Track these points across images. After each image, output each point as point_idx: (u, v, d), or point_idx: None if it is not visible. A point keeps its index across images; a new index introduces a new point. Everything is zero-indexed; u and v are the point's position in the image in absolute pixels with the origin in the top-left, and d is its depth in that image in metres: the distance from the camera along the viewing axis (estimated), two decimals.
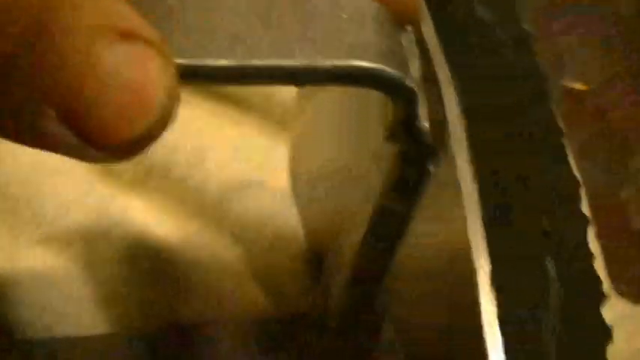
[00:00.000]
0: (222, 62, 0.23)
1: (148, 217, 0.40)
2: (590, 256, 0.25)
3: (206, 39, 0.23)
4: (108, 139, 0.19)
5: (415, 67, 0.25)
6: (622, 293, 0.44)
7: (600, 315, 0.25)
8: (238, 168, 0.42)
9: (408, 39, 0.25)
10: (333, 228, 0.34)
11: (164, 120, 0.20)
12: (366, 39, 0.24)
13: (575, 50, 0.52)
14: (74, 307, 0.38)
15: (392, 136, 0.25)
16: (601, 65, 0.52)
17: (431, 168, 0.26)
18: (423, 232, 0.27)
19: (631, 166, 0.48)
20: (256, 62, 0.23)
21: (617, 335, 0.26)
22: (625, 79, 0.51)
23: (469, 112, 0.26)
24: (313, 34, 0.23)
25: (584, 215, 0.26)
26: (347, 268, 0.31)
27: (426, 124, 0.24)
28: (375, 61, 0.23)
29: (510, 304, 0.23)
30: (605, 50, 0.52)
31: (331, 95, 0.34)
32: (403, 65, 0.24)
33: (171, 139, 0.41)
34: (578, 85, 0.50)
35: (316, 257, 0.38)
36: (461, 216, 0.24)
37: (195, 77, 0.23)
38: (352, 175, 0.31)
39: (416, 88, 0.24)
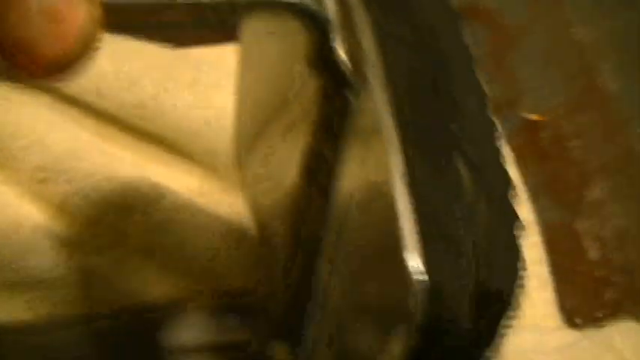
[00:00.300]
0: None
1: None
2: (499, 155, 0.27)
3: None
4: (32, 61, 0.20)
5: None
6: (574, 325, 0.44)
7: (511, 206, 0.26)
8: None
9: None
10: (274, 197, 0.35)
11: (86, 44, 0.21)
12: None
13: (533, 81, 0.52)
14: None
15: (311, 69, 0.27)
16: (559, 96, 0.52)
17: (351, 98, 0.26)
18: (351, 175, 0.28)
19: (587, 197, 0.48)
20: None
21: None
22: (584, 110, 0.51)
23: (383, 39, 0.27)
24: None
25: (491, 120, 0.27)
26: (288, 228, 0.32)
27: (341, 54, 0.26)
28: None
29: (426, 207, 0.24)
30: (564, 81, 0.53)
31: (260, 54, 0.35)
32: None
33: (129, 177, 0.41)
34: (536, 116, 0.51)
35: (264, 241, 0.39)
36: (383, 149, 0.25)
37: (121, 12, 0.24)
38: (283, 124, 0.32)
39: (329, 17, 0.25)
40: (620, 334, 0.41)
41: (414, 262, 0.24)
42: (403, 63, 0.27)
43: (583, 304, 0.44)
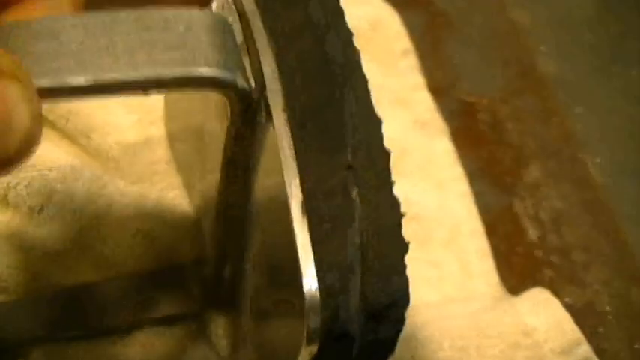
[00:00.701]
0: (79, 81, 0.26)
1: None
2: (389, 183, 0.29)
3: (60, 61, 0.26)
4: None
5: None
6: None
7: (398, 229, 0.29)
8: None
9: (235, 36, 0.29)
10: (204, 186, 0.38)
11: (31, 140, 0.22)
12: (202, 48, 0.27)
13: (471, 65, 0.52)
14: None
15: (233, 129, 0.30)
16: (497, 80, 0.52)
17: (260, 119, 0.30)
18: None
19: (524, 179, 0.48)
20: (107, 78, 0.26)
21: None
22: (522, 94, 0.52)
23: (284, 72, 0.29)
24: (155, 47, 0.27)
25: (384, 149, 0.30)
26: (214, 214, 0.35)
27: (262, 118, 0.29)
28: (209, 69, 0.27)
29: (319, 226, 0.27)
30: (502, 65, 0.53)
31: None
32: (235, 68, 0.28)
33: (70, 167, 0.41)
34: (473, 99, 0.51)
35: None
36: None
37: (56, 96, 0.26)
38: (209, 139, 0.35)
39: (247, 88, 0.28)
40: (529, 299, 0.42)
41: (308, 282, 0.26)
42: (300, 90, 0.29)
43: (522, 286, 0.45)
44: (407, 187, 0.46)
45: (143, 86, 0.27)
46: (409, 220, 0.44)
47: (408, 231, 0.44)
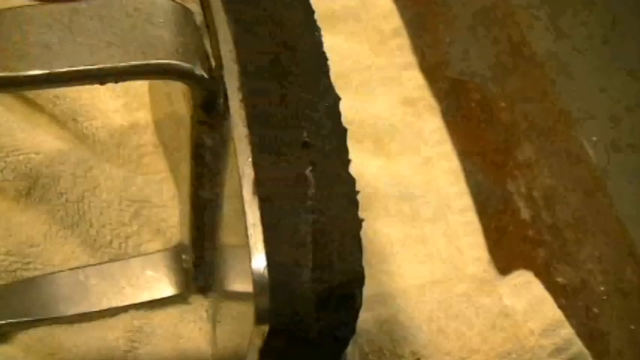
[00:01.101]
0: (35, 71, 0.26)
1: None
2: (346, 162, 0.28)
3: (19, 51, 0.26)
4: None
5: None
6: None
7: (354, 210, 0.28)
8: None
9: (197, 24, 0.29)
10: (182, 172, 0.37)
11: None
12: (161, 37, 0.28)
13: (462, 44, 0.52)
14: None
15: (196, 115, 0.30)
16: (488, 58, 0.52)
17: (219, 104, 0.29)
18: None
19: (518, 156, 0.48)
20: (64, 69, 0.27)
21: None
22: (513, 72, 0.51)
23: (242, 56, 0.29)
24: (114, 37, 0.27)
25: (341, 125, 0.29)
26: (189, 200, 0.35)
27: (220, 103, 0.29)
28: (167, 58, 0.28)
29: (270, 204, 0.27)
30: (493, 44, 0.52)
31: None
32: (193, 57, 0.28)
33: (56, 151, 0.41)
34: (464, 77, 0.50)
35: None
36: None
37: (12, 86, 0.27)
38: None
39: (206, 76, 0.28)
40: (510, 281, 0.42)
41: (257, 262, 0.26)
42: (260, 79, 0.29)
43: (515, 266, 0.44)
44: (395, 165, 0.45)
45: (99, 76, 0.27)
46: (397, 198, 0.44)
47: (395, 208, 0.44)
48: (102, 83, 0.28)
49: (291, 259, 0.26)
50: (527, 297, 0.41)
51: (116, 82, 0.28)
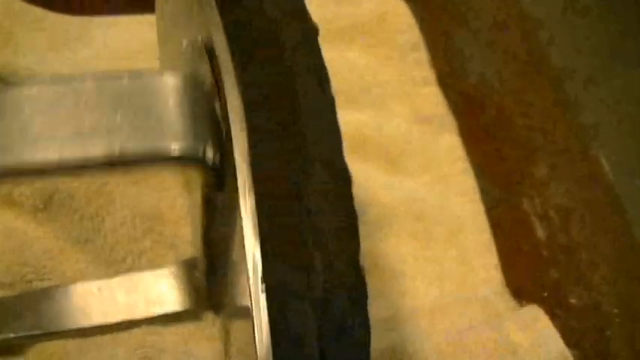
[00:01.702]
0: (38, 159, 0.25)
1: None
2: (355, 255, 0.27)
3: (24, 138, 0.25)
4: None
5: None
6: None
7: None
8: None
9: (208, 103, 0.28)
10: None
11: None
12: (169, 120, 0.26)
13: (480, 59, 0.51)
14: None
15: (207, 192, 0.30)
16: (505, 72, 0.51)
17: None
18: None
19: (534, 174, 0.48)
20: (65, 157, 0.25)
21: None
22: (530, 88, 0.51)
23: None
24: (119, 121, 0.26)
25: (354, 212, 0.28)
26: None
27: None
28: (174, 142, 0.26)
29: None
30: (512, 59, 0.52)
31: None
32: (203, 139, 0.27)
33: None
34: (481, 92, 0.50)
35: None
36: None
37: (13, 176, 0.25)
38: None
39: (209, 162, 0.27)
40: (519, 317, 0.42)
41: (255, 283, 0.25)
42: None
43: (529, 285, 0.44)
44: (410, 183, 0.45)
45: (106, 164, 0.26)
46: (411, 218, 0.44)
47: (409, 227, 0.44)
48: (112, 170, 0.27)
49: (290, 281, 0.26)
50: (533, 332, 0.41)
51: (121, 170, 0.27)
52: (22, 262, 0.40)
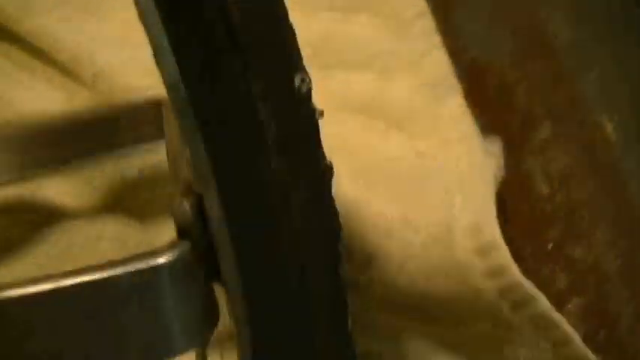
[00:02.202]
0: None
1: None
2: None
3: None
4: None
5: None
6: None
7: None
8: None
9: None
10: None
11: None
12: (163, 324, 0.27)
13: (481, 31, 0.52)
14: None
15: None
16: (507, 44, 0.52)
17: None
18: None
19: (535, 138, 0.49)
20: None
21: None
22: (532, 59, 0.52)
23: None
24: (104, 333, 0.26)
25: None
26: None
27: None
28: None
29: None
30: (513, 31, 0.53)
31: None
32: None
33: None
34: (482, 64, 0.51)
35: None
36: None
37: None
38: None
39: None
40: None
41: None
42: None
43: (528, 244, 0.45)
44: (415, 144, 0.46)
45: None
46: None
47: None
48: None
49: None
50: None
51: None
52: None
